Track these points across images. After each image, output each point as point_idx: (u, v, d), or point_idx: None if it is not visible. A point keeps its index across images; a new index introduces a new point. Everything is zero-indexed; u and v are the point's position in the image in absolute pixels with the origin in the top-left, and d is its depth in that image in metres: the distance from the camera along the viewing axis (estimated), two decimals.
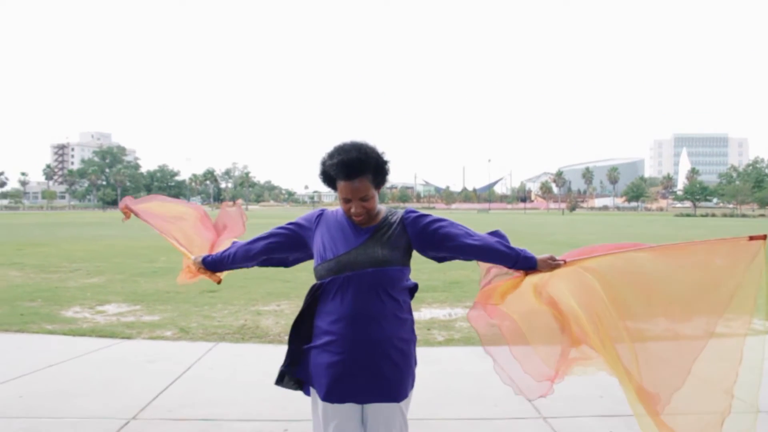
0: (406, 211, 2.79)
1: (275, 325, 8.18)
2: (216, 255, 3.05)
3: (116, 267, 14.96)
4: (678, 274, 2.81)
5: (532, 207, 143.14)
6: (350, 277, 2.59)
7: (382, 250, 2.62)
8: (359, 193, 2.58)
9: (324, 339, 2.64)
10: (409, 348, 2.71)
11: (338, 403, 2.62)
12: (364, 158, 2.56)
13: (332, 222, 2.75)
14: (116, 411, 4.72)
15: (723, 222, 62.57)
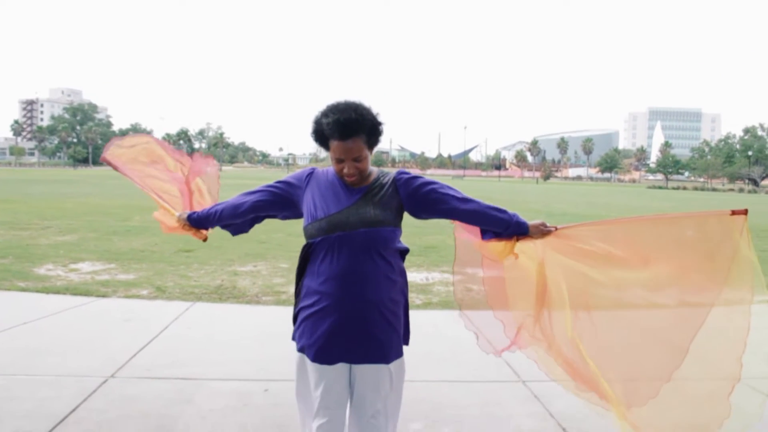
0: (398, 172, 2.74)
1: (252, 286, 8.14)
2: (202, 212, 2.97)
3: (89, 225, 14.73)
4: (670, 244, 2.85)
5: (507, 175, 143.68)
6: (342, 237, 2.55)
7: (374, 210, 2.58)
8: (352, 154, 2.53)
9: (313, 299, 2.61)
10: (399, 310, 2.69)
11: (327, 365, 2.60)
12: (359, 119, 2.50)
13: (323, 181, 2.70)
14: (94, 369, 4.67)
15: (694, 195, 63.57)
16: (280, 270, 9.36)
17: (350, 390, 2.72)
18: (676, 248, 2.87)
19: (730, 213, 2.62)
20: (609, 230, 3.05)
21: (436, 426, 3.88)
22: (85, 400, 4.09)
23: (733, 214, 2.61)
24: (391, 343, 2.64)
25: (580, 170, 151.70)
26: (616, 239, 2.97)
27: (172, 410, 3.99)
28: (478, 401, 4.31)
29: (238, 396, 4.28)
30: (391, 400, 2.74)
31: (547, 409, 4.16)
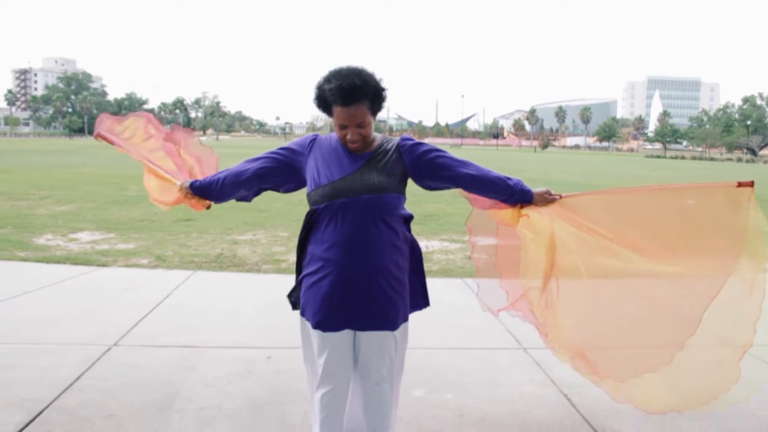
0: (402, 138, 2.71)
1: (252, 254, 8.15)
2: (204, 180, 2.92)
3: (87, 195, 14.69)
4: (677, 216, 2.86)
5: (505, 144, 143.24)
6: (346, 204, 2.53)
7: (378, 176, 2.56)
8: (356, 120, 2.49)
9: (317, 266, 2.60)
10: (404, 276, 2.69)
11: (331, 332, 2.60)
12: (362, 84, 2.46)
13: (326, 148, 2.66)
14: (97, 338, 4.68)
15: (693, 164, 63.51)
16: (279, 239, 9.36)
17: (354, 356, 2.73)
18: (683, 220, 2.89)
19: (736, 185, 2.62)
20: (615, 200, 3.06)
21: (438, 392, 3.91)
22: (88, 368, 4.11)
23: (739, 186, 2.62)
24: (396, 309, 2.64)
25: (578, 139, 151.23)
26: (622, 210, 2.98)
27: (176, 377, 4.01)
28: (479, 368, 4.34)
29: (242, 363, 4.30)
30: (395, 366, 2.76)
31: (548, 376, 4.19)
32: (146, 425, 3.34)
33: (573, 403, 3.78)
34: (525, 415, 3.61)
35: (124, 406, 3.56)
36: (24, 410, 3.45)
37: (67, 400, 3.61)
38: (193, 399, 3.70)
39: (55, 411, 3.47)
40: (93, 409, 3.51)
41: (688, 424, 3.55)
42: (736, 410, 3.70)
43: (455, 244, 9.50)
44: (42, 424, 3.31)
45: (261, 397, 3.76)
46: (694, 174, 39.02)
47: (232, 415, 3.50)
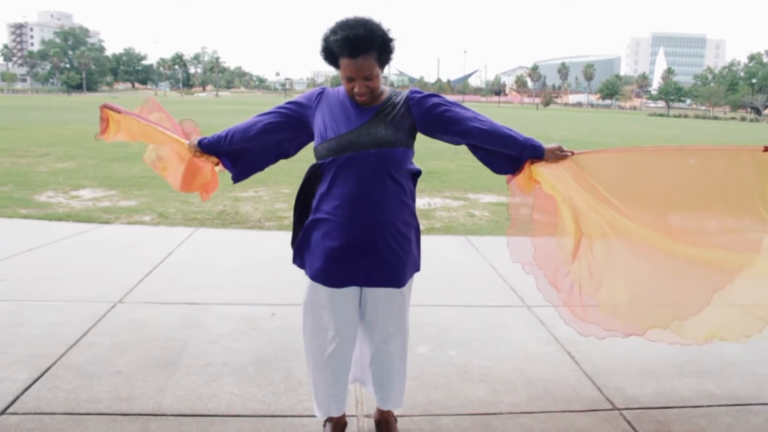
0: (411, 91, 2.64)
1: (255, 211, 8.14)
2: (212, 137, 2.87)
3: (87, 152, 14.61)
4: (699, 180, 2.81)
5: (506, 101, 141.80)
6: (352, 158, 2.48)
7: (386, 130, 2.50)
8: (363, 72, 2.42)
9: (323, 221, 2.57)
10: (411, 233, 2.66)
11: (337, 287, 2.60)
12: (369, 35, 2.38)
13: (333, 101, 2.60)
14: (101, 294, 4.70)
15: (696, 123, 63.11)
16: (282, 195, 9.34)
17: (361, 312, 2.73)
18: (705, 185, 2.82)
19: (762, 149, 2.57)
20: (631, 160, 2.97)
21: (442, 349, 3.93)
22: (94, 324, 4.13)
23: (765, 151, 2.56)
24: (403, 266, 2.62)
25: (581, 97, 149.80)
26: (638, 172, 2.89)
27: (181, 334, 4.04)
28: (483, 325, 4.36)
29: (246, 320, 4.32)
30: (402, 322, 2.76)
31: (551, 334, 4.21)
32: (153, 381, 3.37)
33: (576, 361, 3.81)
34: (529, 372, 3.63)
35: (130, 363, 3.59)
36: (31, 366, 3.47)
37: (74, 357, 3.63)
38: (199, 355, 3.73)
39: (62, 367, 3.49)
40: (100, 365, 3.54)
41: (688, 381, 3.58)
42: (736, 369, 3.75)
43: (458, 201, 9.48)
44: (49, 380, 3.33)
45: (266, 354, 3.79)
46: (699, 133, 38.79)
47: (238, 372, 3.53)
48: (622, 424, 3.10)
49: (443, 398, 3.30)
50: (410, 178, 2.65)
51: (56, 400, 3.13)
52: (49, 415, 3.00)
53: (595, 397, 3.38)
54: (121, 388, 3.28)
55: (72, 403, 3.11)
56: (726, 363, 3.83)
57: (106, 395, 3.20)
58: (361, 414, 3.12)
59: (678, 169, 2.87)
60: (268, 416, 3.07)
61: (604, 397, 3.37)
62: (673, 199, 2.91)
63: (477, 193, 10.47)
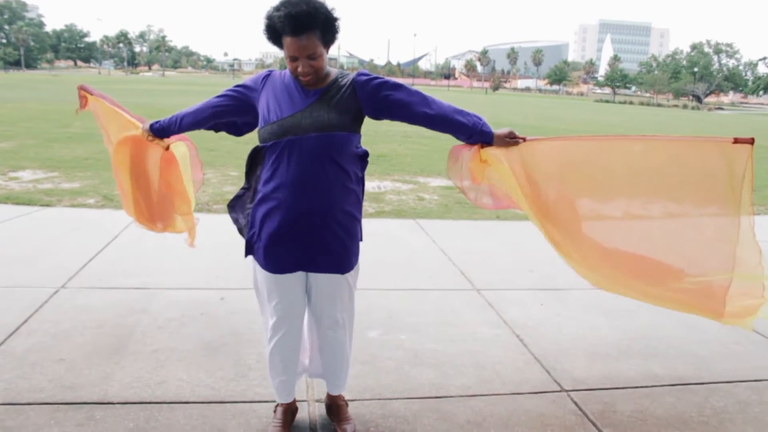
0: (357, 73, 2.59)
1: (202, 194, 7.99)
2: (164, 121, 2.85)
3: (27, 131, 14.09)
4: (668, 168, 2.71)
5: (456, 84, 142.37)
6: (293, 141, 2.44)
7: (329, 114, 2.45)
8: (307, 51, 2.36)
9: (266, 206, 2.53)
10: (353, 219, 2.61)
11: (279, 273, 2.57)
12: (313, 12, 2.32)
13: (278, 84, 2.56)
14: (43, 280, 4.56)
15: (640, 110, 64.66)
16: (230, 178, 9.20)
17: (308, 298, 2.71)
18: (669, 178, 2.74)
19: (732, 141, 2.46)
20: (588, 149, 2.86)
21: (392, 332, 3.95)
22: (36, 311, 4.00)
23: (735, 143, 2.46)
24: (347, 252, 2.60)
25: (529, 82, 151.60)
26: (596, 162, 2.79)
27: (128, 320, 3.95)
28: (433, 309, 4.40)
29: (195, 305, 4.25)
30: (347, 308, 2.75)
31: (501, 317, 4.28)
32: (98, 369, 3.29)
33: (525, 344, 3.88)
34: (479, 355, 3.68)
35: (74, 350, 3.49)
36: None
37: (15, 345, 3.51)
38: (146, 341, 3.66)
39: (1, 356, 3.38)
40: (42, 353, 3.43)
41: (634, 362, 3.69)
42: (678, 350, 3.88)
43: (407, 185, 9.51)
44: None
45: (215, 339, 3.74)
46: (643, 120, 39.74)
47: (187, 358, 3.48)
48: (569, 405, 3.18)
49: (394, 382, 3.32)
50: (356, 163, 2.60)
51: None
52: None
53: (543, 380, 3.44)
54: (65, 376, 3.19)
55: (12, 392, 3.01)
56: (669, 345, 3.95)
57: (48, 384, 3.11)
58: (312, 399, 3.12)
59: (639, 159, 2.75)
60: (218, 402, 3.04)
61: (552, 379, 3.44)
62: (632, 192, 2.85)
63: (427, 176, 10.51)
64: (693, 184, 2.71)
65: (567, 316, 4.39)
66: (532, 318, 4.31)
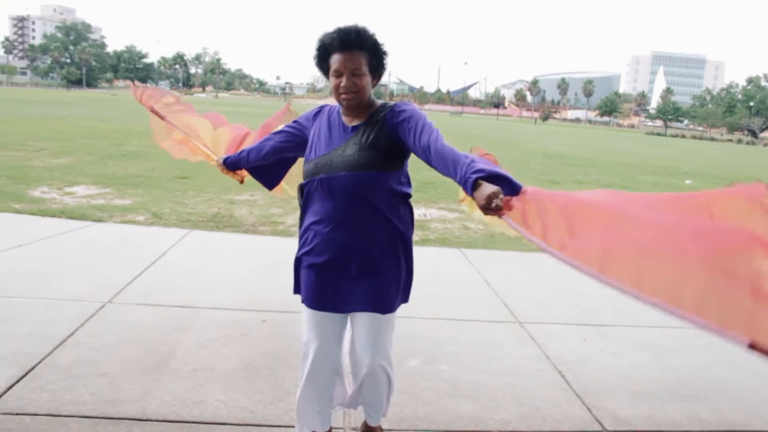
0: (395, 105, 2.53)
1: (249, 215, 8.10)
2: (234, 155, 3.03)
3: (84, 148, 14.55)
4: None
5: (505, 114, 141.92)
6: (323, 180, 2.45)
7: (359, 152, 2.42)
8: (352, 65, 2.38)
9: (308, 242, 2.55)
10: (392, 258, 2.53)
11: (318, 311, 2.56)
12: (362, 33, 2.39)
13: (325, 120, 2.60)
14: (92, 294, 4.65)
15: (693, 143, 63.39)
16: (277, 201, 9.30)
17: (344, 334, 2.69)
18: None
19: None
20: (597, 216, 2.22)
21: (434, 362, 3.89)
22: (82, 324, 4.08)
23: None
24: (383, 292, 2.52)
25: (579, 113, 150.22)
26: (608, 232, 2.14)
27: (170, 338, 3.99)
28: (475, 340, 4.33)
29: (237, 325, 4.28)
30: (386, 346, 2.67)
31: (543, 351, 4.18)
32: (139, 385, 3.32)
33: (567, 380, 3.78)
34: (519, 390, 3.60)
35: (116, 365, 3.54)
36: (16, 365, 3.42)
37: (60, 357, 3.58)
38: (187, 360, 3.69)
39: (47, 367, 3.45)
40: (86, 366, 3.49)
41: (679, 404, 3.55)
42: (726, 394, 3.73)
43: (453, 213, 9.46)
44: (34, 380, 3.28)
45: (255, 361, 3.74)
46: (692, 153, 38.92)
47: (226, 378, 3.49)
48: None
49: (432, 413, 3.26)
50: (396, 200, 2.53)
51: (39, 400, 3.08)
52: (31, 416, 2.95)
53: (584, 418, 3.34)
54: (107, 390, 3.24)
55: (55, 404, 3.06)
56: (717, 388, 3.80)
57: (90, 397, 3.15)
58: (348, 426, 3.09)
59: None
60: (255, 425, 3.03)
61: (594, 418, 3.34)
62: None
63: None
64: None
65: (611, 352, 4.28)
66: (575, 353, 4.21)
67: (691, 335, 4.71)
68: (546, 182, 13.91)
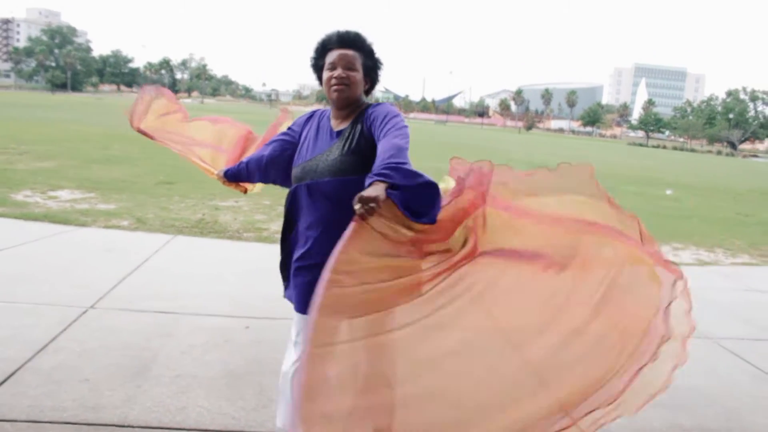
0: (369, 106, 2.56)
1: (234, 221, 8.09)
2: (234, 167, 2.95)
3: (68, 152, 14.43)
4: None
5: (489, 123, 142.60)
6: (309, 186, 2.48)
7: (342, 156, 2.44)
8: (346, 59, 2.49)
9: (299, 243, 2.56)
10: None
11: (303, 314, 2.54)
12: (361, 36, 2.55)
13: (315, 124, 2.65)
14: (74, 299, 4.62)
15: (674, 155, 64.08)
16: (262, 207, 9.29)
17: None
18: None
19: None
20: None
21: None
22: (65, 329, 4.06)
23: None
24: None
25: (563, 122, 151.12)
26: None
27: (153, 343, 3.98)
28: None
29: (220, 332, 4.27)
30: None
31: None
32: (121, 391, 3.31)
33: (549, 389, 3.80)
34: None
35: (99, 370, 3.52)
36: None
37: (42, 362, 3.56)
38: (170, 366, 3.67)
39: (28, 372, 3.42)
40: (68, 371, 3.47)
41: (660, 412, 3.59)
42: (707, 401, 3.77)
43: None
44: (14, 385, 3.26)
45: (238, 367, 3.74)
46: (672, 163, 39.33)
47: (209, 384, 3.48)
48: None
49: None
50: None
51: (20, 406, 3.06)
52: (11, 422, 2.93)
53: None
54: (88, 396, 3.22)
55: (36, 410, 3.04)
56: (697, 394, 3.85)
57: (72, 403, 3.13)
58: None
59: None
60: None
61: None
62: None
63: None
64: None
65: None
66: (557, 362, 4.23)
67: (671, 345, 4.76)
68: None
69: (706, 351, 4.67)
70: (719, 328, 5.24)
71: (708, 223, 12.03)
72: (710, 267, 8.07)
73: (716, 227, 11.63)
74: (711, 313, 5.61)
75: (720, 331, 5.15)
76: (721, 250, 9.27)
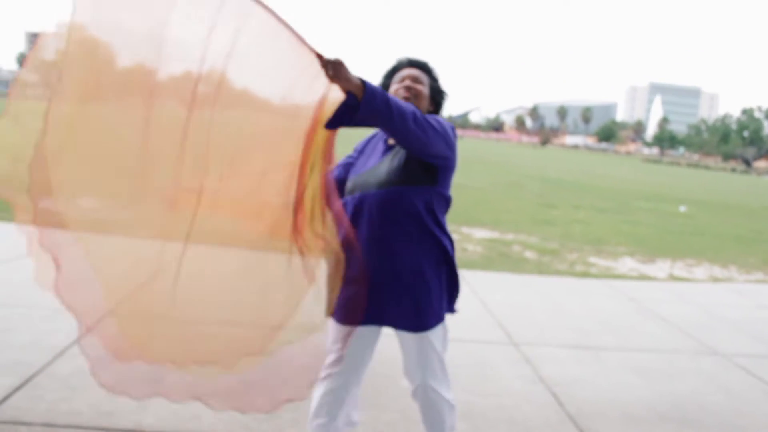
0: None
1: None
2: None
3: None
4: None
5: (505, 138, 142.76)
6: (357, 199, 2.48)
7: (390, 169, 2.46)
8: (414, 75, 2.58)
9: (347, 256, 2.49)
10: (424, 276, 2.51)
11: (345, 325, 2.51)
12: (430, 64, 2.67)
13: (373, 141, 2.68)
14: None
15: (687, 171, 63.74)
16: None
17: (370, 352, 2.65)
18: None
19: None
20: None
21: None
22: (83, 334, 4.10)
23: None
24: (417, 309, 2.51)
25: (578, 139, 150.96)
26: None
27: None
28: (470, 361, 4.36)
29: None
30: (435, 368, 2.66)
31: (537, 373, 4.22)
32: None
33: (560, 402, 3.81)
34: (512, 410, 3.63)
35: None
36: (14, 374, 3.45)
37: (59, 367, 3.61)
38: None
39: (46, 377, 3.48)
40: (84, 377, 3.45)
41: (669, 428, 3.59)
42: (716, 418, 3.77)
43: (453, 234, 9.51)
44: (32, 389, 3.31)
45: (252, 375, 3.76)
46: (688, 180, 39.14)
47: (224, 390, 3.50)
48: None
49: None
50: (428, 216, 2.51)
51: (36, 410, 3.11)
52: (27, 425, 2.97)
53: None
54: (104, 402, 3.25)
55: (52, 414, 3.09)
56: (708, 412, 3.84)
57: (87, 408, 3.18)
58: None
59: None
60: None
61: None
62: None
63: (471, 227, 10.52)
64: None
65: (605, 376, 4.32)
66: (569, 375, 4.25)
67: (684, 360, 4.77)
68: (542, 206, 13.96)
69: (717, 367, 4.66)
70: (731, 344, 5.23)
71: (721, 240, 11.98)
72: (723, 284, 8.05)
73: (730, 244, 11.58)
74: (723, 330, 5.61)
75: (732, 347, 5.14)
76: (734, 266, 9.24)
